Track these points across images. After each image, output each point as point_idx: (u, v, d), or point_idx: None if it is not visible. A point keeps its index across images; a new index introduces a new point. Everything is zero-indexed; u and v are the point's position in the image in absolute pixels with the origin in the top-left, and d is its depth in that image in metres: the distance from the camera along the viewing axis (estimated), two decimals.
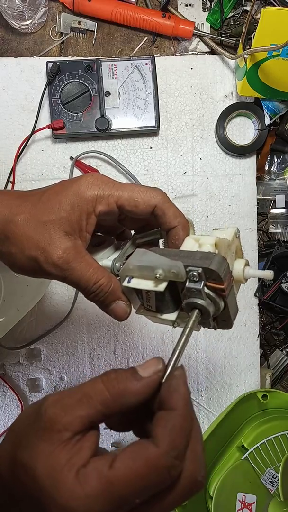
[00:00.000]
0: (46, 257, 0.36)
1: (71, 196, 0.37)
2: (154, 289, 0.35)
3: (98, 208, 0.37)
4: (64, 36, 0.72)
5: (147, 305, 0.38)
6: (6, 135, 0.71)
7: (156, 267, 0.34)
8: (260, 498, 0.62)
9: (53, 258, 0.35)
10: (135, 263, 0.36)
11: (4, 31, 0.72)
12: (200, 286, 0.33)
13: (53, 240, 0.36)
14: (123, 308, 0.39)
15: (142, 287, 0.36)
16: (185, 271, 0.33)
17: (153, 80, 0.69)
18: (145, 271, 0.35)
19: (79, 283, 0.37)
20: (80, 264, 0.37)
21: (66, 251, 0.36)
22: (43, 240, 0.36)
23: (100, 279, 0.37)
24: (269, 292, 0.73)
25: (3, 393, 0.73)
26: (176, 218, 0.38)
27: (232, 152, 0.72)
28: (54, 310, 0.73)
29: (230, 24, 0.73)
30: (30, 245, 0.36)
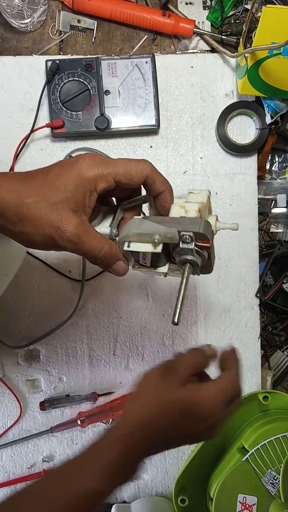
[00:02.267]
0: (60, 234, 0.40)
1: (74, 178, 0.41)
2: (153, 251, 0.43)
3: (99, 186, 0.42)
4: (64, 35, 0.72)
5: (143, 262, 0.46)
6: (5, 134, 0.70)
7: (154, 233, 0.42)
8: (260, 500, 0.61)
9: (67, 234, 0.40)
10: (135, 230, 0.43)
11: (3, 29, 0.71)
12: (192, 246, 0.42)
13: (64, 218, 0.40)
14: (123, 266, 0.46)
15: (142, 250, 0.44)
16: (179, 236, 0.42)
17: (153, 79, 0.69)
18: (143, 237, 0.43)
19: (89, 253, 0.43)
20: (88, 236, 0.42)
21: (76, 228, 0.41)
22: (55, 219, 0.40)
23: (104, 246, 0.43)
24: (270, 292, 0.72)
25: (2, 394, 0.72)
26: (163, 184, 0.45)
27: (233, 151, 0.72)
28: (54, 311, 0.72)
29: (230, 23, 0.73)
30: (44, 225, 0.40)
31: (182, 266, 0.44)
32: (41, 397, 0.73)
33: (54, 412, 0.73)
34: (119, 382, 0.74)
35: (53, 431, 0.71)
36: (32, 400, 0.73)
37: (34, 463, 0.73)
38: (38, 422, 0.73)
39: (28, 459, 0.73)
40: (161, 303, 0.73)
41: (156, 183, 0.44)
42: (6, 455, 0.73)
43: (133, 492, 0.74)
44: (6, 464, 0.73)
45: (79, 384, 0.73)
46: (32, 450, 0.73)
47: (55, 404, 0.72)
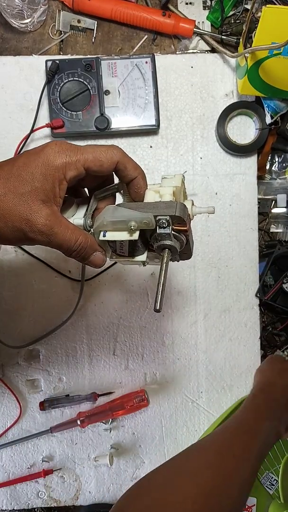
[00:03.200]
0: (30, 226, 0.38)
1: (41, 166, 0.39)
2: (129, 238, 0.42)
3: (68, 174, 0.40)
4: (64, 35, 0.72)
5: (120, 252, 0.45)
6: (5, 134, 0.70)
7: (129, 220, 0.41)
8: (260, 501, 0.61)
9: (38, 226, 0.38)
10: (109, 219, 0.42)
11: (3, 29, 0.71)
12: (169, 231, 0.41)
13: (34, 210, 0.38)
14: (101, 257, 0.45)
15: (118, 238, 0.42)
16: (155, 220, 0.41)
17: (153, 79, 0.69)
18: (119, 224, 0.41)
19: (62, 245, 0.41)
20: (61, 227, 0.40)
21: (47, 218, 0.39)
22: (24, 211, 0.38)
23: (79, 237, 0.41)
24: (270, 292, 0.72)
25: (1, 394, 0.72)
26: (136, 170, 0.43)
27: (232, 151, 0.72)
28: (53, 311, 0.72)
29: (230, 23, 0.73)
30: (13, 218, 0.38)
31: (160, 252, 0.43)
32: (41, 397, 0.73)
33: (54, 412, 0.73)
34: (118, 382, 0.74)
35: (53, 431, 0.71)
36: (32, 400, 0.73)
37: (34, 463, 0.73)
38: (38, 422, 0.73)
39: (28, 459, 0.73)
40: None
41: (128, 168, 0.43)
42: (6, 455, 0.73)
43: None
44: (6, 464, 0.73)
45: (79, 384, 0.73)
46: (32, 450, 0.73)
47: (55, 404, 0.72)
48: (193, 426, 0.75)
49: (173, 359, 0.74)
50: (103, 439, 0.74)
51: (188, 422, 0.75)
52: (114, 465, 0.73)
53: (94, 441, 0.74)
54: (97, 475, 0.74)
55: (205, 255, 0.73)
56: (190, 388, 0.74)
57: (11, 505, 0.73)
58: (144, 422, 0.74)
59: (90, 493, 0.74)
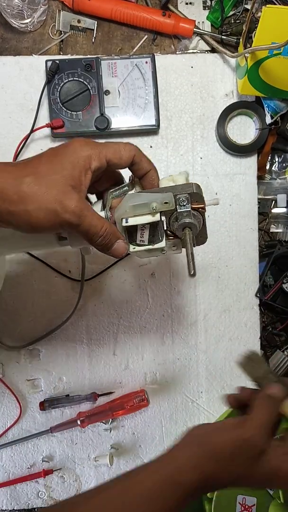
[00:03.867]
0: (63, 207, 0.41)
1: (69, 156, 0.42)
2: (151, 220, 0.44)
3: (93, 164, 0.43)
4: (64, 35, 0.72)
5: (140, 240, 0.47)
6: (5, 134, 0.70)
7: (151, 202, 0.44)
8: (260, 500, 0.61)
9: (71, 207, 0.41)
10: (131, 203, 0.44)
11: (3, 29, 0.71)
12: (189, 208, 0.44)
13: (66, 193, 0.41)
14: (123, 245, 0.46)
15: (141, 222, 0.45)
16: (175, 199, 0.44)
17: (153, 79, 0.69)
18: (140, 208, 0.44)
19: (90, 229, 0.43)
20: (89, 212, 0.42)
21: (78, 202, 0.41)
22: (57, 194, 0.41)
23: (104, 224, 0.44)
24: (270, 292, 0.72)
25: (1, 394, 0.72)
26: (150, 163, 0.48)
27: (232, 151, 0.72)
28: (53, 311, 0.72)
29: (230, 23, 0.73)
30: (47, 200, 0.40)
31: (181, 233, 0.45)
32: (41, 397, 0.73)
33: (54, 412, 0.73)
34: (119, 382, 0.74)
35: (53, 431, 0.71)
36: (32, 400, 0.73)
37: (34, 463, 0.73)
38: (38, 422, 0.73)
39: (28, 459, 0.73)
40: (161, 303, 0.73)
41: (143, 161, 0.47)
42: (6, 455, 0.73)
43: None
44: (6, 464, 0.73)
45: (79, 384, 0.73)
46: (32, 450, 0.73)
47: (55, 404, 0.72)
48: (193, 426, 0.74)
49: (173, 359, 0.74)
50: (103, 439, 0.74)
51: (188, 422, 0.74)
52: (114, 465, 0.73)
53: (94, 441, 0.74)
54: (97, 475, 0.74)
55: (205, 255, 0.73)
56: (190, 388, 0.74)
57: (11, 505, 0.73)
58: (144, 422, 0.74)
59: None
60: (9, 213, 0.41)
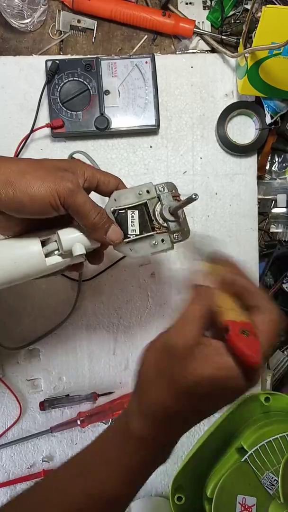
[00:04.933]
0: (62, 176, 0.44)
1: (69, 161, 0.49)
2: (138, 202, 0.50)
3: (86, 173, 0.47)
4: (64, 35, 0.72)
5: (132, 231, 0.49)
6: (5, 134, 0.70)
7: (136, 190, 0.50)
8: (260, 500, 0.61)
9: (68, 183, 0.44)
10: (118, 194, 0.49)
11: (3, 29, 0.71)
12: (168, 192, 0.51)
13: (65, 175, 0.45)
14: (118, 230, 0.48)
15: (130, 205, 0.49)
16: (154, 189, 0.50)
17: (153, 79, 0.69)
18: (127, 197, 0.49)
19: (85, 206, 0.45)
20: (83, 193, 0.45)
21: (74, 179, 0.45)
22: (55, 174, 0.44)
23: (97, 207, 0.46)
24: (270, 292, 0.72)
25: (1, 394, 0.72)
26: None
27: (232, 151, 0.72)
28: (53, 311, 0.72)
29: (230, 23, 0.73)
30: (44, 172, 0.44)
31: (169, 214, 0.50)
32: (41, 397, 0.73)
33: (54, 412, 0.73)
34: (118, 382, 0.74)
35: (53, 431, 0.71)
36: (32, 400, 0.73)
37: (34, 463, 0.73)
38: (38, 422, 0.73)
39: (28, 459, 0.73)
40: (161, 303, 0.73)
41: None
42: (6, 455, 0.73)
43: None
44: (6, 464, 0.73)
45: (79, 384, 0.73)
46: (32, 450, 0.73)
47: (55, 404, 0.72)
48: None
49: None
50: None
51: None
52: None
53: None
54: None
55: None
56: None
57: None
58: None
59: None
60: (6, 183, 0.42)
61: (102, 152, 0.71)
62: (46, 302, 0.72)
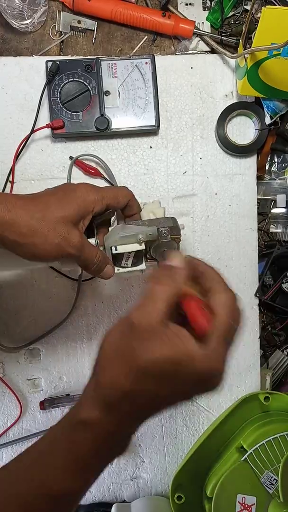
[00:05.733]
0: (67, 242, 0.48)
1: (77, 199, 0.49)
2: (138, 248, 0.53)
3: (95, 209, 0.50)
4: (64, 35, 0.72)
5: (125, 264, 0.55)
6: (5, 134, 0.71)
7: (138, 234, 0.52)
8: (260, 500, 0.61)
9: (74, 242, 0.48)
10: (120, 234, 0.52)
11: (4, 30, 0.72)
12: (169, 239, 0.52)
13: (69, 230, 0.48)
14: (111, 269, 0.54)
15: (129, 249, 0.53)
16: (158, 232, 0.52)
17: (153, 79, 0.69)
18: (128, 239, 0.52)
19: (88, 259, 0.50)
20: (87, 245, 0.50)
21: (80, 237, 0.49)
22: (62, 231, 0.47)
23: (97, 252, 0.51)
24: (270, 292, 0.72)
25: (2, 393, 0.72)
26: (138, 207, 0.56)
27: (232, 151, 0.72)
28: (54, 311, 0.72)
29: (230, 23, 0.73)
30: (53, 235, 0.47)
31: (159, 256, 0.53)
32: (41, 396, 0.73)
33: (54, 411, 0.73)
34: None
35: None
36: (32, 400, 0.73)
37: None
38: (38, 421, 0.73)
39: None
40: None
41: (134, 205, 0.55)
42: (7, 455, 0.73)
43: (133, 492, 0.74)
44: None
45: (79, 384, 0.74)
46: None
47: (55, 404, 0.72)
48: (192, 425, 0.75)
49: None
50: None
51: (188, 422, 0.75)
52: (114, 464, 0.73)
53: None
54: None
55: (204, 255, 0.74)
56: None
57: None
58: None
59: (90, 492, 0.74)
60: (18, 245, 0.47)
61: (102, 153, 0.72)
62: (46, 302, 0.73)
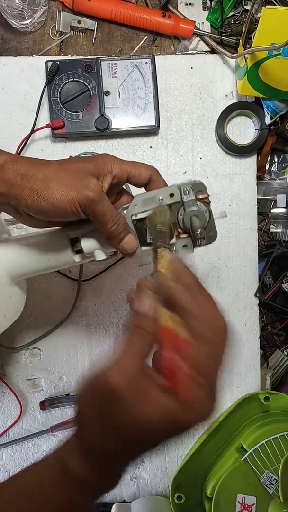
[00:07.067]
0: (84, 184, 0.43)
1: (96, 159, 0.47)
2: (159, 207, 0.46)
3: (114, 170, 0.46)
4: (64, 35, 0.72)
5: (151, 239, 0.48)
6: (5, 134, 0.71)
7: (157, 195, 0.47)
8: (260, 500, 0.61)
9: (92, 184, 0.43)
10: (140, 199, 0.47)
11: (4, 30, 0.72)
12: (193, 197, 0.47)
13: (88, 178, 0.44)
14: (133, 239, 0.47)
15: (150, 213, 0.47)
16: (179, 190, 0.47)
17: (153, 79, 0.69)
18: (148, 202, 0.47)
19: (107, 212, 0.44)
20: (106, 198, 0.44)
21: (98, 186, 0.44)
22: (79, 175, 0.44)
23: (118, 214, 0.45)
24: (270, 292, 0.72)
25: (2, 393, 0.72)
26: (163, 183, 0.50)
27: (232, 151, 0.72)
28: (54, 310, 0.73)
29: (230, 23, 0.73)
30: (68, 179, 0.43)
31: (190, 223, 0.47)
32: (41, 396, 0.73)
33: (54, 411, 0.73)
34: None
35: (53, 430, 0.72)
36: (32, 400, 0.73)
37: (34, 462, 0.73)
38: (38, 421, 0.73)
39: (28, 458, 0.73)
40: None
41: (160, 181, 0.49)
42: (6, 455, 0.73)
43: (133, 492, 0.74)
44: (6, 464, 0.73)
45: None
46: (32, 450, 0.73)
47: (55, 404, 0.72)
48: None
49: None
50: None
51: None
52: None
53: None
54: None
55: (204, 255, 0.74)
56: None
57: None
58: None
59: None
60: (32, 191, 0.43)
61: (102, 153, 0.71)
62: (46, 302, 0.73)
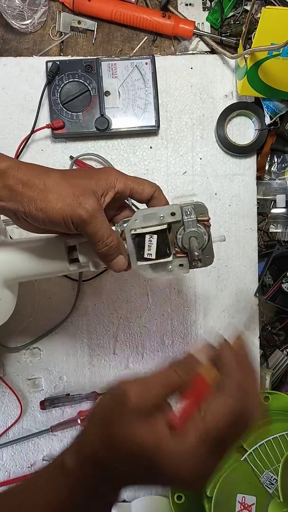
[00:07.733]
0: (80, 203, 0.44)
1: (100, 173, 0.48)
2: (159, 228, 0.47)
3: (117, 185, 0.47)
4: (64, 36, 0.72)
5: (148, 254, 0.48)
6: (5, 134, 0.71)
7: (159, 212, 0.48)
8: (259, 499, 0.61)
9: (86, 205, 0.44)
10: (141, 214, 0.48)
11: (4, 30, 0.72)
12: (194, 217, 0.48)
13: (85, 194, 0.44)
14: (124, 261, 0.49)
15: (149, 229, 0.47)
16: (181, 210, 0.48)
17: (153, 80, 0.69)
18: (149, 219, 0.48)
19: (98, 233, 0.45)
20: (102, 217, 0.45)
21: (95, 204, 0.44)
22: (77, 192, 0.44)
23: (112, 234, 0.46)
24: (269, 292, 0.72)
25: (2, 393, 0.73)
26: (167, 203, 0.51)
27: (232, 152, 0.72)
28: (54, 310, 0.73)
29: (230, 24, 0.73)
30: (67, 194, 0.44)
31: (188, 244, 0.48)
32: (41, 396, 0.73)
33: (54, 411, 0.73)
34: None
35: (53, 430, 0.72)
36: (32, 399, 0.73)
37: (34, 462, 0.73)
38: (39, 421, 0.73)
39: (29, 458, 0.73)
40: (161, 303, 0.74)
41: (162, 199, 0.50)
42: (7, 454, 0.73)
43: (133, 491, 0.74)
44: (7, 463, 0.73)
45: (79, 383, 0.74)
46: (33, 449, 0.73)
47: (55, 403, 0.72)
48: None
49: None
50: None
51: None
52: None
53: None
54: None
55: None
56: None
57: None
58: None
59: None
60: (31, 199, 0.44)
61: (103, 153, 0.72)
62: (46, 302, 0.73)
